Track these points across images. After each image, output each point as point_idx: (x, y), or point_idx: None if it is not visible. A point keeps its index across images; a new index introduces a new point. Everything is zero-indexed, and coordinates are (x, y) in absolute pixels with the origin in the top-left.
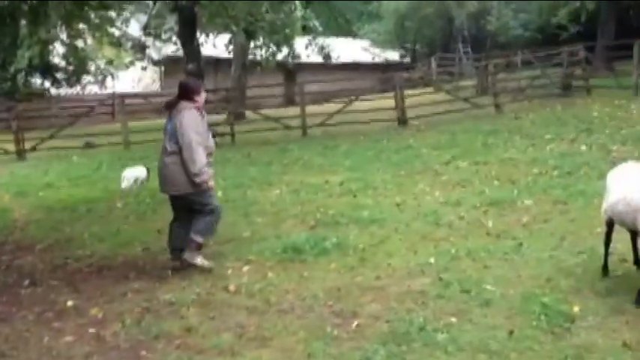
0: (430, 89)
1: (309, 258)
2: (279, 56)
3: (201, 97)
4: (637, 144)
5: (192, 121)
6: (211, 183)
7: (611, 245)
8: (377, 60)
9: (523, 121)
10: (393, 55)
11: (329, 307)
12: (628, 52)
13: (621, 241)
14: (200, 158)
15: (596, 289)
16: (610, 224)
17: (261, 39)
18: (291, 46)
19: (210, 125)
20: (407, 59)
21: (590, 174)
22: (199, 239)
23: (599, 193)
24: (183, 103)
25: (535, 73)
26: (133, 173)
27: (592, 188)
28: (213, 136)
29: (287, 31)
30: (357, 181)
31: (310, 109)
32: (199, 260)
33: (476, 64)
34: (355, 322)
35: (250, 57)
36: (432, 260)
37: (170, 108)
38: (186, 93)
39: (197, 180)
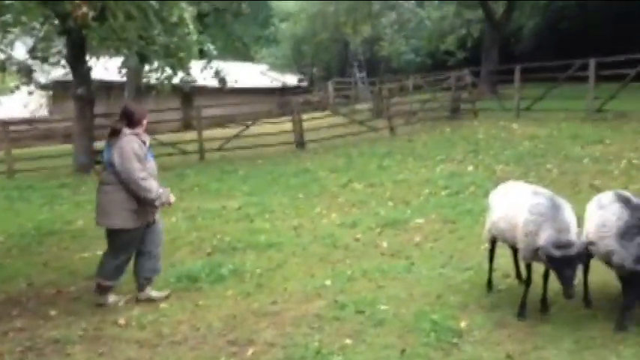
0: (327, 113)
1: (204, 286)
2: (175, 80)
3: (145, 123)
4: (519, 164)
5: (132, 150)
6: (170, 199)
7: (495, 261)
8: (275, 84)
9: (415, 143)
10: (291, 79)
11: (224, 337)
12: (510, 76)
13: (504, 256)
14: (151, 185)
15: (482, 304)
16: (493, 241)
17: (155, 62)
18: (187, 70)
19: (102, 151)
20: (304, 83)
21: (477, 193)
22: (108, 282)
23: (485, 211)
24: (124, 131)
25: (426, 96)
26: None
27: (479, 207)
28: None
29: (182, 54)
30: (254, 206)
31: (208, 133)
32: (111, 299)
33: (371, 88)
34: (250, 350)
35: (145, 80)
36: (328, 282)
37: (114, 135)
38: (129, 119)
39: (158, 203)
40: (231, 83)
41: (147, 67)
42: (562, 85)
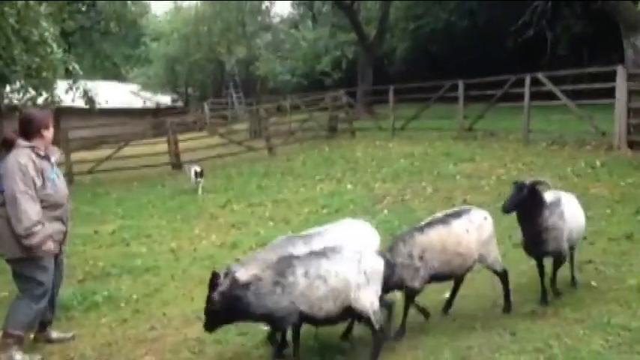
0: (204, 133)
1: (76, 314)
2: (40, 101)
3: (48, 133)
4: (396, 181)
5: (17, 165)
6: (48, 246)
7: None
8: (148, 104)
9: (294, 162)
10: (165, 99)
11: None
12: (385, 96)
13: None
14: (28, 215)
15: None
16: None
17: (17, 83)
18: (51, 91)
19: None
20: (179, 103)
21: (357, 210)
22: (18, 332)
23: None
24: (18, 142)
25: (303, 116)
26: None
27: None
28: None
29: (45, 74)
30: (130, 229)
31: (77, 155)
32: (19, 357)
33: (248, 109)
34: None
35: (6, 102)
36: None
37: (6, 147)
38: (24, 128)
39: (25, 243)
40: (101, 104)
41: (8, 88)
42: (434, 105)
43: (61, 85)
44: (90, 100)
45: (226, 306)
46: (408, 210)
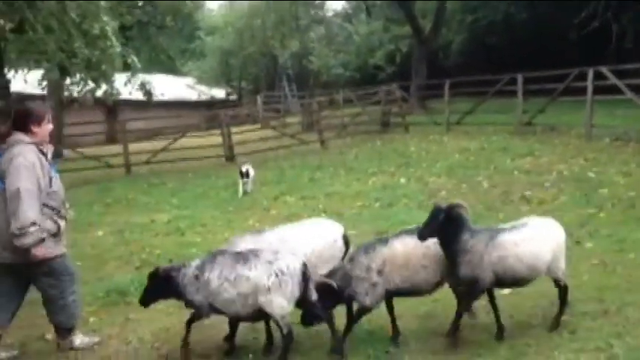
0: (257, 126)
1: (134, 300)
2: (98, 93)
3: (45, 128)
4: (451, 176)
5: (24, 162)
6: (40, 251)
7: None
8: (203, 97)
9: (347, 156)
10: (219, 93)
11: (156, 350)
12: (439, 91)
13: None
14: (27, 214)
15: (418, 313)
16: None
17: (77, 75)
18: (110, 83)
19: None
20: (233, 96)
21: (410, 205)
22: (72, 323)
23: (418, 222)
24: (17, 136)
25: (356, 110)
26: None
27: (412, 218)
28: None
29: (104, 67)
30: (185, 219)
31: (134, 146)
32: (79, 340)
33: (301, 102)
34: None
35: (66, 93)
36: None
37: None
38: (21, 121)
39: (16, 243)
40: (157, 96)
41: (68, 80)
42: (490, 99)
43: (119, 78)
44: (147, 93)
45: (162, 282)
46: None
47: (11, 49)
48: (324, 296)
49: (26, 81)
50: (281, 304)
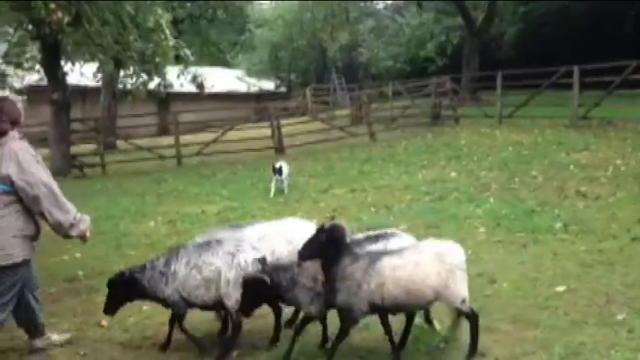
0: (306, 118)
1: None
2: (151, 85)
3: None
4: (503, 170)
5: (30, 156)
6: (89, 233)
7: (481, 266)
8: (252, 90)
9: (396, 149)
10: (268, 85)
11: (209, 338)
12: (491, 83)
13: (491, 261)
14: (69, 204)
15: None
16: None
17: (131, 68)
18: (162, 76)
19: (79, 156)
20: (282, 89)
21: (461, 198)
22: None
23: (469, 217)
24: (10, 134)
25: (406, 103)
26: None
27: (463, 212)
28: (79, 167)
29: (158, 60)
30: (234, 210)
31: (185, 138)
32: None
33: (349, 95)
34: (235, 353)
35: (120, 86)
36: None
37: None
38: (8, 117)
39: (73, 232)
40: (207, 88)
41: (122, 73)
42: (545, 92)
43: (170, 71)
44: (200, 85)
45: (126, 286)
46: (516, 199)
47: (68, 42)
48: (254, 291)
49: (82, 74)
50: (237, 297)
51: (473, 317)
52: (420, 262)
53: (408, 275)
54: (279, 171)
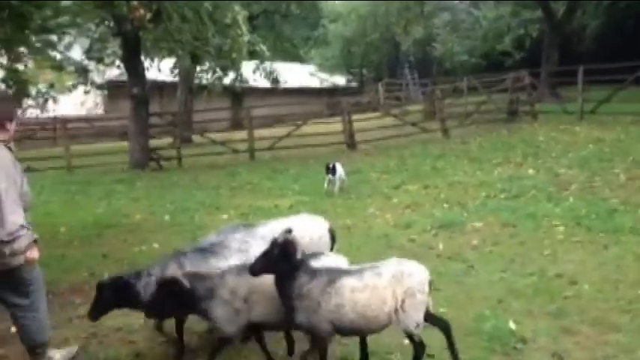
0: (378, 114)
1: None
2: (226, 80)
3: (12, 126)
4: (583, 167)
5: (2, 163)
6: (33, 254)
7: (561, 267)
8: (324, 85)
9: (470, 145)
10: (340, 80)
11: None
12: (572, 78)
13: (572, 262)
14: (12, 217)
15: (547, 310)
16: None
17: (207, 63)
18: (238, 71)
19: (156, 149)
20: (354, 84)
21: (539, 196)
22: (46, 338)
23: (547, 216)
24: None
25: (481, 98)
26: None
27: (541, 211)
28: (156, 160)
29: (234, 55)
30: (306, 205)
31: (258, 132)
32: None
33: (422, 90)
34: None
35: (196, 81)
36: None
37: None
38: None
39: (6, 250)
40: (280, 83)
41: (198, 68)
42: (629, 88)
43: (245, 66)
44: (275, 81)
45: (117, 291)
46: (597, 198)
47: (148, 38)
48: (170, 294)
49: (160, 69)
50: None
51: (420, 345)
52: (379, 285)
53: (366, 299)
54: (333, 170)
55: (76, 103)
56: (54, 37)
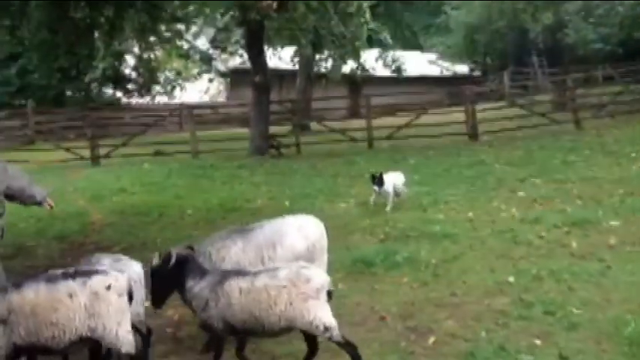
0: (503, 103)
1: (379, 271)
2: (345, 68)
3: None
4: None
5: None
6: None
7: None
8: (445, 73)
9: (606, 138)
10: (462, 69)
11: (403, 322)
12: None
13: None
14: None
15: None
16: None
17: (326, 51)
18: (358, 59)
19: (276, 136)
20: (476, 72)
21: None
22: None
23: None
24: None
25: (618, 88)
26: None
27: None
28: (276, 147)
29: (357, 43)
30: (426, 196)
31: (376, 121)
32: None
33: (552, 79)
34: (432, 339)
35: (315, 69)
36: (511, 279)
37: None
38: None
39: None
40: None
41: (317, 57)
42: None
43: (365, 54)
44: (397, 69)
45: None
46: None
47: (271, 26)
48: None
49: (280, 57)
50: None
51: (347, 345)
52: (270, 286)
53: (255, 301)
54: (379, 181)
55: (200, 90)
56: (182, 27)
